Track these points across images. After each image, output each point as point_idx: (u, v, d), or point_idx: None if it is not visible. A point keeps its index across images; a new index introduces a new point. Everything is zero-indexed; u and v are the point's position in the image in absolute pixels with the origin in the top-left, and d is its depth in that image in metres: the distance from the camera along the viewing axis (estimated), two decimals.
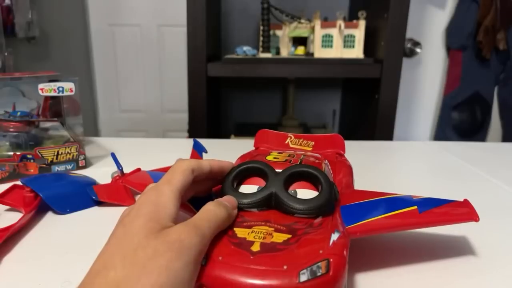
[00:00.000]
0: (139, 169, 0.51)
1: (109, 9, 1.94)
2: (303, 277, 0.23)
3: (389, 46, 1.12)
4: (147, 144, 0.80)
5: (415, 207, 0.31)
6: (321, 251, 0.25)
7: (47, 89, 0.60)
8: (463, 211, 0.32)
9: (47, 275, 0.32)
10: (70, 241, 0.38)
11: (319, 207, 0.29)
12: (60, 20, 1.81)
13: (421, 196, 0.34)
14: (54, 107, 0.65)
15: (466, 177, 0.61)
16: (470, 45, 1.51)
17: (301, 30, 1.27)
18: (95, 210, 0.45)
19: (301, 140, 0.45)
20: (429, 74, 1.66)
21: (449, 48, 1.60)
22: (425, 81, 1.67)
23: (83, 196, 0.46)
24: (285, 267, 0.23)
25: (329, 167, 0.37)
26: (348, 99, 1.54)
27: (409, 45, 1.59)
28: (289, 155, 0.36)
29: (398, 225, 0.31)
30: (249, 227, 0.28)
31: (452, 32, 1.57)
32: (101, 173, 0.54)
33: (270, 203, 0.30)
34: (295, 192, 0.32)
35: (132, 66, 2.01)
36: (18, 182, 0.47)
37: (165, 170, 0.53)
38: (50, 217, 0.43)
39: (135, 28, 1.96)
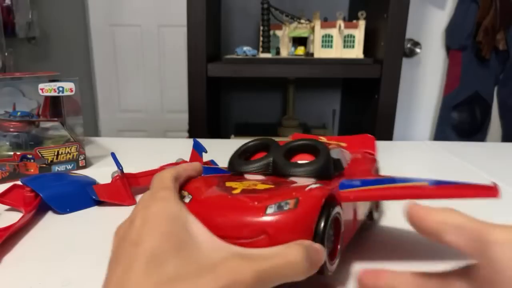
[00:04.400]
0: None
1: (109, 9, 1.94)
2: (270, 210, 0.24)
3: (389, 46, 1.12)
4: (147, 144, 0.80)
5: (426, 183, 0.29)
6: (294, 193, 0.25)
7: (47, 89, 0.60)
8: (482, 188, 0.29)
9: (47, 274, 0.32)
10: (70, 240, 0.38)
11: (314, 170, 0.30)
12: (60, 20, 1.81)
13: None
14: (54, 107, 0.65)
15: (466, 177, 0.61)
16: (470, 45, 1.51)
17: (301, 30, 1.27)
18: (95, 210, 0.45)
19: (332, 142, 0.44)
20: (429, 74, 1.66)
21: (449, 48, 1.60)
22: (424, 81, 1.67)
23: (83, 196, 0.46)
24: (256, 203, 0.25)
25: (344, 153, 0.36)
26: (348, 99, 1.54)
27: (409, 45, 1.59)
28: None
29: (398, 195, 0.29)
30: (240, 180, 0.30)
31: (451, 32, 1.57)
32: (101, 173, 0.54)
33: (268, 169, 0.32)
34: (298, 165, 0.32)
35: (132, 66, 2.01)
36: (18, 182, 0.47)
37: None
38: (50, 217, 0.43)
39: (135, 28, 1.96)
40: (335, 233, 0.27)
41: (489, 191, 0.28)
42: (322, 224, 0.25)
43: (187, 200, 0.27)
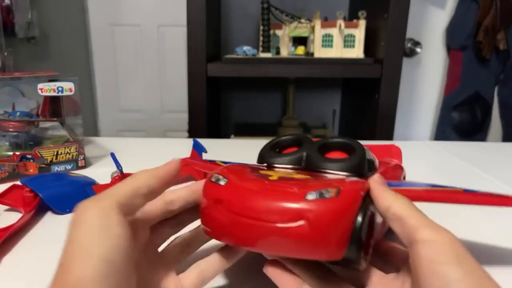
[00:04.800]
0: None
1: (109, 9, 1.93)
2: (310, 196, 0.23)
3: (389, 46, 1.12)
4: (147, 144, 0.80)
5: (461, 189, 0.31)
6: (334, 183, 0.25)
7: (47, 89, 0.60)
8: (507, 198, 0.32)
9: (46, 275, 0.32)
10: None
11: (349, 167, 0.29)
12: (60, 20, 1.81)
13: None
14: (53, 107, 0.65)
15: (466, 177, 0.61)
16: (470, 45, 1.51)
17: (301, 30, 1.27)
18: None
19: None
20: (429, 74, 1.66)
21: (449, 48, 1.60)
22: (425, 81, 1.67)
23: (82, 196, 0.45)
24: (295, 189, 0.24)
25: (374, 155, 0.36)
26: (348, 99, 1.54)
27: (409, 45, 1.59)
28: None
29: (436, 197, 0.31)
30: (274, 169, 0.30)
31: (452, 32, 1.57)
32: (100, 173, 0.54)
33: (301, 163, 0.31)
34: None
35: (132, 66, 2.01)
36: (18, 182, 0.47)
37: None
38: (49, 217, 0.43)
39: (135, 28, 1.96)
40: (369, 229, 0.26)
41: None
42: (361, 217, 0.24)
43: (222, 182, 0.26)
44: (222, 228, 0.25)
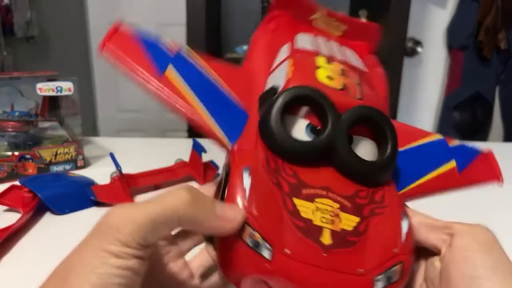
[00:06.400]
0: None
1: (108, 8, 1.93)
2: (379, 284, 0.21)
3: (390, 45, 1.12)
4: (147, 144, 0.79)
5: (454, 163, 0.29)
6: (395, 250, 0.22)
7: (46, 88, 0.59)
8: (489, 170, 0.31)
9: (45, 275, 0.32)
10: (69, 241, 0.37)
11: (385, 172, 0.24)
12: (59, 19, 1.80)
13: (452, 142, 0.31)
14: (52, 107, 0.65)
15: None
16: (471, 45, 1.51)
17: None
18: (93, 211, 0.45)
19: (332, 20, 0.36)
20: (430, 73, 1.66)
21: (450, 48, 1.60)
22: (426, 80, 1.67)
23: (81, 196, 0.46)
24: (360, 270, 0.20)
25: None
26: None
27: (410, 45, 1.59)
28: (342, 71, 0.27)
29: (438, 191, 0.29)
30: (311, 199, 0.22)
31: (453, 32, 1.57)
32: (99, 173, 0.53)
33: (326, 154, 0.24)
34: (351, 138, 0.25)
35: None
36: (17, 183, 0.46)
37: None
38: (48, 217, 0.43)
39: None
40: None
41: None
42: None
43: (266, 254, 0.19)
44: None
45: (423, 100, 1.69)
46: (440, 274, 0.22)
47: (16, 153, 0.54)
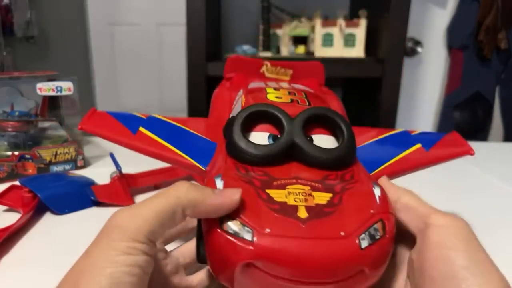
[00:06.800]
0: None
1: (108, 8, 1.93)
2: (364, 243, 0.21)
3: (390, 45, 1.12)
4: None
5: (419, 145, 0.33)
6: (372, 211, 0.22)
7: (46, 88, 0.59)
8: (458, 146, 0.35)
9: (45, 275, 0.32)
10: (68, 241, 0.37)
11: (346, 156, 0.27)
12: (59, 19, 1.80)
13: (414, 132, 0.36)
14: (52, 107, 0.64)
15: (467, 177, 0.60)
16: (471, 45, 1.51)
17: (301, 29, 1.26)
18: (93, 211, 0.45)
19: (278, 69, 0.41)
20: (430, 73, 1.66)
21: (450, 48, 1.60)
22: (426, 80, 1.67)
23: (81, 196, 0.46)
24: (342, 233, 0.21)
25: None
26: (349, 98, 1.53)
27: (410, 44, 1.59)
28: (289, 92, 0.31)
29: (410, 167, 0.32)
30: (282, 187, 0.24)
31: (453, 32, 1.57)
32: (99, 173, 0.53)
33: (290, 154, 0.26)
34: (311, 139, 0.28)
35: (131, 65, 2.01)
36: (17, 182, 0.46)
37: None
38: (48, 217, 0.43)
39: (135, 27, 1.95)
40: None
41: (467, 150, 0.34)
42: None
43: (248, 236, 0.20)
44: None
45: (423, 100, 1.69)
46: (415, 268, 0.22)
47: (16, 153, 0.54)
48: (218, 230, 0.21)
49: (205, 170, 0.29)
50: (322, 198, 0.23)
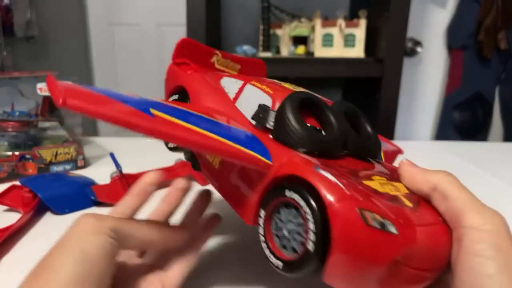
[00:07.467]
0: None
1: (108, 8, 1.93)
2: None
3: (390, 46, 1.12)
4: (147, 144, 0.79)
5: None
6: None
7: (46, 88, 0.59)
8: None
9: None
10: None
11: (378, 146, 0.29)
12: (59, 19, 1.80)
13: None
14: (52, 107, 0.64)
15: (468, 177, 0.60)
16: (471, 45, 1.51)
17: (301, 29, 1.26)
18: (93, 211, 0.45)
19: (228, 61, 0.40)
20: (430, 73, 1.66)
21: (450, 48, 1.60)
22: (426, 80, 1.67)
23: (81, 196, 0.46)
24: (439, 218, 0.22)
25: None
26: (349, 98, 1.53)
27: (410, 45, 1.59)
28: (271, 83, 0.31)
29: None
30: (369, 178, 0.23)
31: (453, 32, 1.57)
32: (100, 173, 0.53)
33: (344, 145, 0.26)
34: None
35: (131, 65, 2.01)
36: (17, 182, 0.46)
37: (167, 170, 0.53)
38: (48, 217, 0.43)
39: (135, 27, 1.95)
40: None
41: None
42: None
43: (393, 229, 0.19)
44: None
45: (423, 100, 1.69)
46: (451, 268, 0.22)
47: (16, 153, 0.54)
48: (361, 225, 0.19)
49: (273, 165, 0.24)
50: (401, 187, 0.24)
